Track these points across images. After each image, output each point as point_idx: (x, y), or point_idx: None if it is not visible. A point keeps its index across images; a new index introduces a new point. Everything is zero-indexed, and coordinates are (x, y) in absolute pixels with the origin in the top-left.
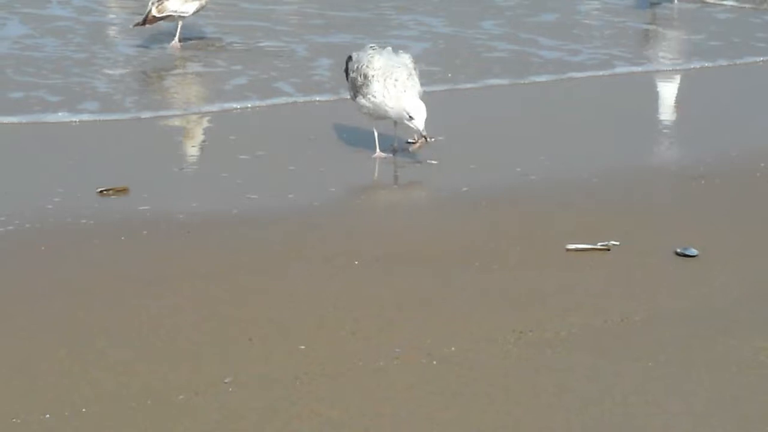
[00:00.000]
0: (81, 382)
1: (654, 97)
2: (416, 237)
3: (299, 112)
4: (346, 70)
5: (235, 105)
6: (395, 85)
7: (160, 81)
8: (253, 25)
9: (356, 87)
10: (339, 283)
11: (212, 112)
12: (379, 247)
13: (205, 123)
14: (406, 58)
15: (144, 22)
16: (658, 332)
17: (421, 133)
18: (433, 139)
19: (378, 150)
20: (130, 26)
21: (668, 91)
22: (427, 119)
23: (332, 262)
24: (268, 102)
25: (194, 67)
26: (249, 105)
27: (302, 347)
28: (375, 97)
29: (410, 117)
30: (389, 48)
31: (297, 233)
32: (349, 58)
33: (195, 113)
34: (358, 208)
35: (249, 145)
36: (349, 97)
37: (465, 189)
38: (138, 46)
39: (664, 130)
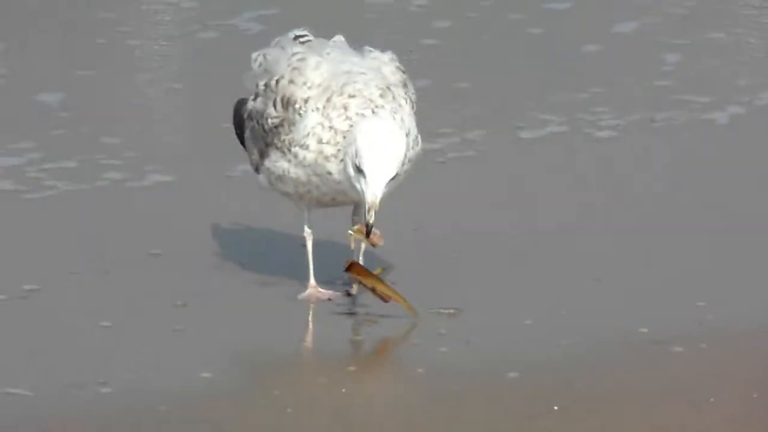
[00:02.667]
0: None
1: None
2: None
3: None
4: (241, 113)
5: None
6: (350, 109)
7: None
8: None
9: (265, 137)
10: None
11: None
12: None
13: None
14: (381, 60)
15: None
16: None
17: (364, 211)
18: (379, 240)
19: (312, 281)
20: None
21: None
22: (391, 177)
23: None
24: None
25: None
26: None
27: None
28: (308, 149)
29: (356, 165)
30: (339, 38)
31: None
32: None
33: None
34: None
35: None
36: (251, 166)
37: (512, 374)
38: None
39: None
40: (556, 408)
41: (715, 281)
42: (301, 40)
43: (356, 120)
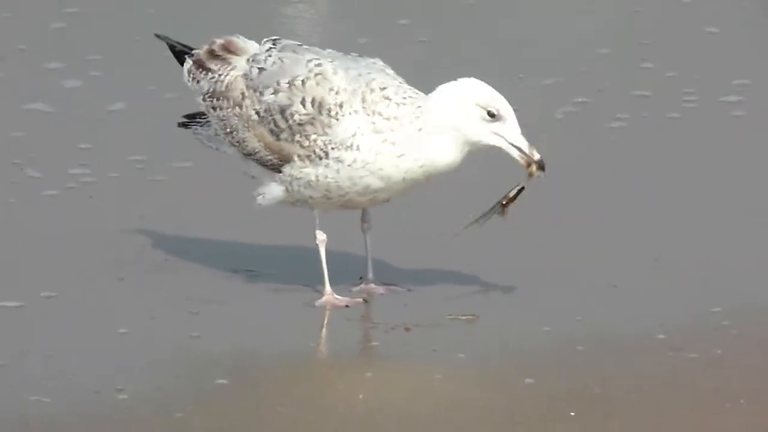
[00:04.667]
0: None
1: None
2: None
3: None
4: (212, 106)
5: None
6: (392, 96)
7: None
8: None
9: (279, 132)
10: None
11: None
12: None
13: None
14: (378, 65)
15: None
16: None
17: (526, 153)
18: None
19: (328, 287)
20: None
21: None
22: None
23: None
24: None
25: None
26: None
27: None
28: (359, 149)
29: (491, 114)
30: (329, 50)
31: None
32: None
33: None
34: None
35: None
36: (238, 150)
37: (529, 380)
38: None
39: None
40: (572, 414)
41: (731, 288)
42: (302, 46)
43: (419, 96)
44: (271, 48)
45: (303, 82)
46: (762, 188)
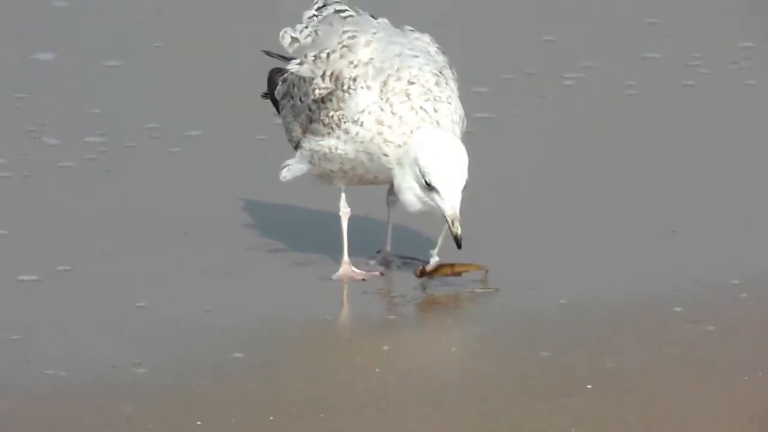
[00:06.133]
0: None
1: None
2: None
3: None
4: (276, 81)
5: None
6: (413, 98)
7: None
8: None
9: (311, 114)
10: None
11: None
12: None
13: None
14: (424, 41)
15: None
16: None
17: (449, 224)
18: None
19: (346, 257)
20: None
21: None
22: (463, 191)
23: None
24: None
25: None
26: None
27: None
28: (363, 126)
29: (426, 183)
30: (383, 20)
31: None
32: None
33: None
34: None
35: None
36: (291, 143)
37: (545, 353)
38: None
39: None
40: (589, 386)
41: (749, 260)
42: (343, 15)
43: (431, 115)
44: (313, 15)
45: (328, 55)
46: None
